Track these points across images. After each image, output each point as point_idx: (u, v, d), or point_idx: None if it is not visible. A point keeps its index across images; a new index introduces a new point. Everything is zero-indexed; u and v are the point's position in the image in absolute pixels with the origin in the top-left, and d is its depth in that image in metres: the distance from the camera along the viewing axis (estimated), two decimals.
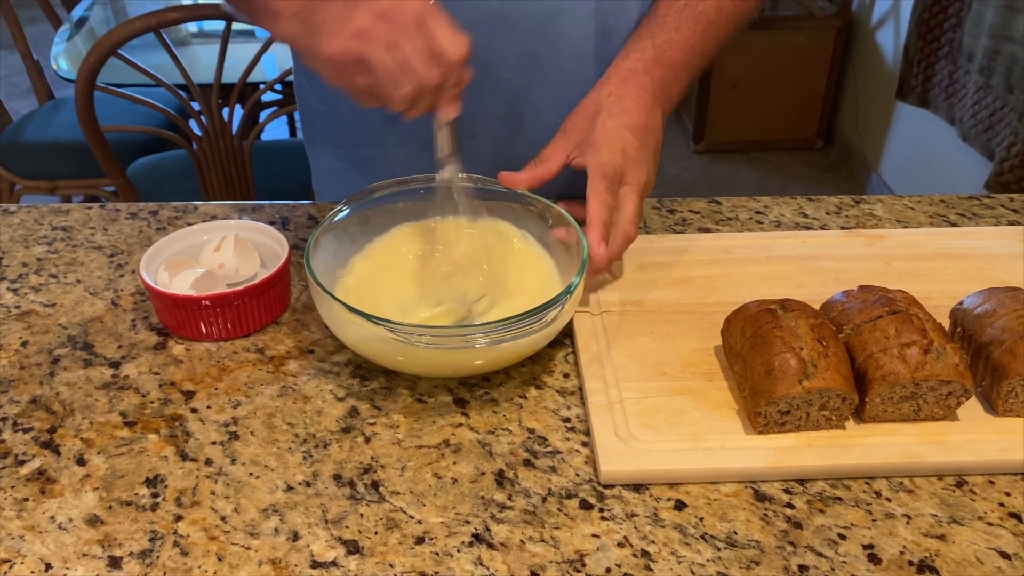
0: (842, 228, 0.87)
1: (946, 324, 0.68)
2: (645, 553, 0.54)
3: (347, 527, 0.56)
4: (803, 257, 0.80)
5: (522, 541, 0.55)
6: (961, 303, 0.67)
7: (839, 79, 3.01)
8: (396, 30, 0.59)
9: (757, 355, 0.61)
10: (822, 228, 0.87)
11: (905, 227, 0.87)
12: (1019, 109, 1.93)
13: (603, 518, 0.56)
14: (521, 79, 0.85)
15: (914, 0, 2.37)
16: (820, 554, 0.54)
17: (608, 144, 0.72)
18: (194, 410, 0.65)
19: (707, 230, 0.87)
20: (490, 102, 0.85)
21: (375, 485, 0.59)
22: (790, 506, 0.57)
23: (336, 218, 0.72)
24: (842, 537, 0.55)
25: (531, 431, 0.63)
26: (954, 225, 0.88)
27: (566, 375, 0.68)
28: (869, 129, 2.87)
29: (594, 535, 0.55)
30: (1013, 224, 0.88)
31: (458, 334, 0.62)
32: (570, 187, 0.80)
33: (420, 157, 0.88)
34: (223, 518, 0.56)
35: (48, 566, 0.53)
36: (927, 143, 2.51)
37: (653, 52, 0.78)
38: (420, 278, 0.74)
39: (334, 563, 0.53)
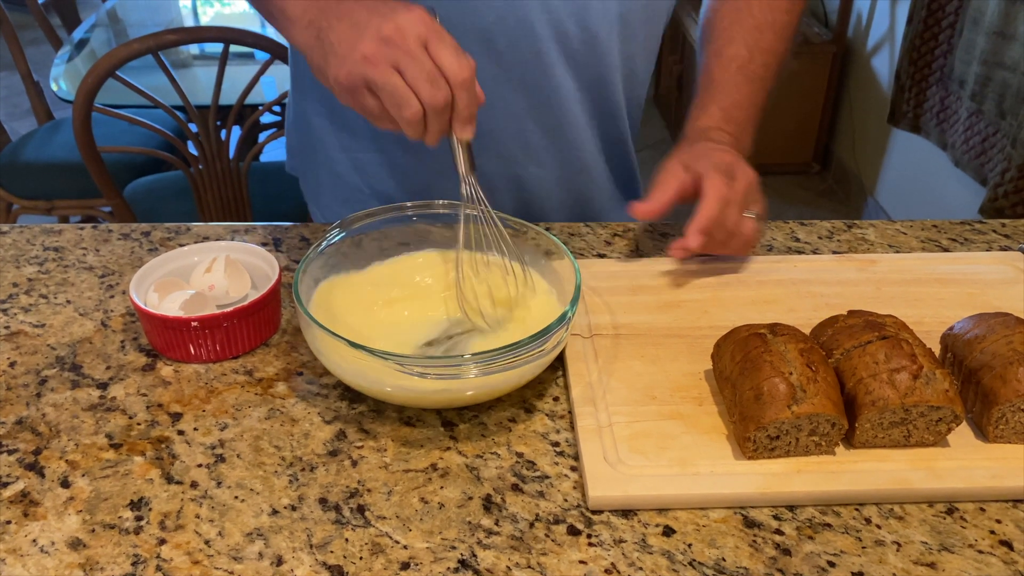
0: (834, 253, 0.87)
1: (937, 349, 0.68)
2: None
3: (332, 552, 0.55)
4: (794, 281, 0.80)
5: (508, 567, 0.54)
6: (951, 328, 0.67)
7: (835, 104, 3.03)
8: (401, 53, 0.61)
9: (746, 380, 0.60)
10: (814, 252, 0.87)
11: (897, 252, 0.87)
12: (1012, 135, 1.94)
13: (591, 544, 0.56)
14: (516, 90, 0.86)
15: (905, 27, 2.39)
16: None
17: (719, 152, 0.80)
18: (181, 432, 0.64)
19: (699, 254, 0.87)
20: (498, 119, 0.86)
21: (361, 509, 0.58)
22: (779, 532, 0.56)
23: (327, 243, 0.72)
24: (832, 564, 0.54)
25: (519, 455, 0.62)
26: (946, 250, 0.88)
27: (556, 399, 0.68)
28: (865, 154, 2.88)
29: (581, 561, 0.54)
30: (1005, 249, 0.88)
31: (449, 364, 0.62)
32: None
33: (424, 165, 0.89)
34: (207, 542, 0.56)
35: None
36: (923, 168, 2.52)
37: (720, 115, 0.85)
38: (414, 302, 0.74)
39: None
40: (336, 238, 0.73)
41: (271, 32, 2.11)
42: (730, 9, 0.90)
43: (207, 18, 2.68)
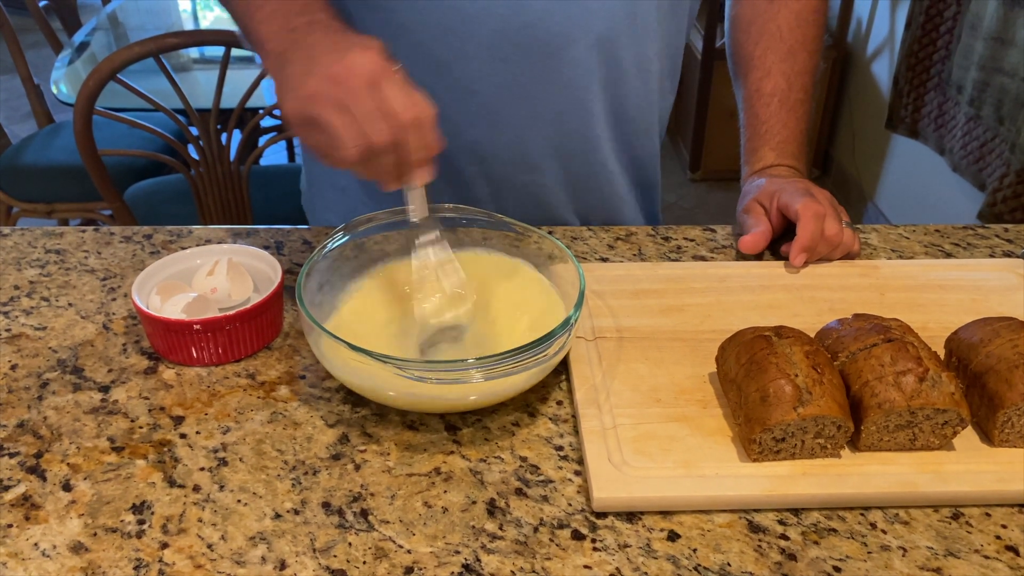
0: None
1: (941, 354, 0.67)
2: None
3: (335, 556, 0.55)
4: (798, 287, 0.80)
5: (513, 572, 0.54)
6: (956, 332, 0.67)
7: (835, 109, 3.04)
8: (346, 92, 0.59)
9: (752, 381, 0.60)
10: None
11: (900, 256, 0.87)
12: (1010, 140, 1.94)
13: (595, 549, 0.55)
14: (524, 106, 0.85)
15: (903, 32, 2.39)
16: None
17: (789, 183, 0.85)
18: (183, 435, 0.64)
19: (702, 258, 0.87)
20: (494, 129, 0.86)
21: (364, 513, 0.58)
22: (784, 537, 0.56)
23: (330, 246, 0.72)
24: (837, 570, 0.54)
25: (523, 459, 0.62)
26: (949, 255, 0.88)
27: (559, 402, 0.68)
28: (865, 159, 2.89)
29: (586, 566, 0.54)
30: (1008, 254, 0.88)
31: (451, 368, 0.62)
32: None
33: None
34: (209, 546, 0.55)
35: None
36: (923, 173, 2.52)
37: (774, 156, 0.90)
38: (410, 309, 0.73)
39: None
40: (339, 241, 0.73)
41: None
42: (760, 33, 0.91)
43: (207, 22, 2.68)
